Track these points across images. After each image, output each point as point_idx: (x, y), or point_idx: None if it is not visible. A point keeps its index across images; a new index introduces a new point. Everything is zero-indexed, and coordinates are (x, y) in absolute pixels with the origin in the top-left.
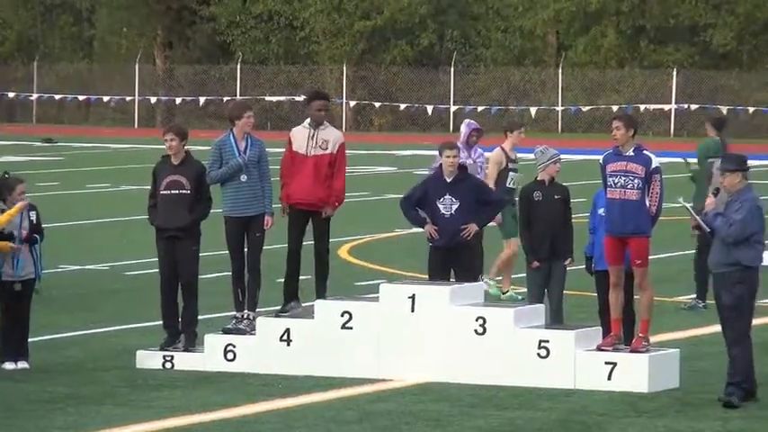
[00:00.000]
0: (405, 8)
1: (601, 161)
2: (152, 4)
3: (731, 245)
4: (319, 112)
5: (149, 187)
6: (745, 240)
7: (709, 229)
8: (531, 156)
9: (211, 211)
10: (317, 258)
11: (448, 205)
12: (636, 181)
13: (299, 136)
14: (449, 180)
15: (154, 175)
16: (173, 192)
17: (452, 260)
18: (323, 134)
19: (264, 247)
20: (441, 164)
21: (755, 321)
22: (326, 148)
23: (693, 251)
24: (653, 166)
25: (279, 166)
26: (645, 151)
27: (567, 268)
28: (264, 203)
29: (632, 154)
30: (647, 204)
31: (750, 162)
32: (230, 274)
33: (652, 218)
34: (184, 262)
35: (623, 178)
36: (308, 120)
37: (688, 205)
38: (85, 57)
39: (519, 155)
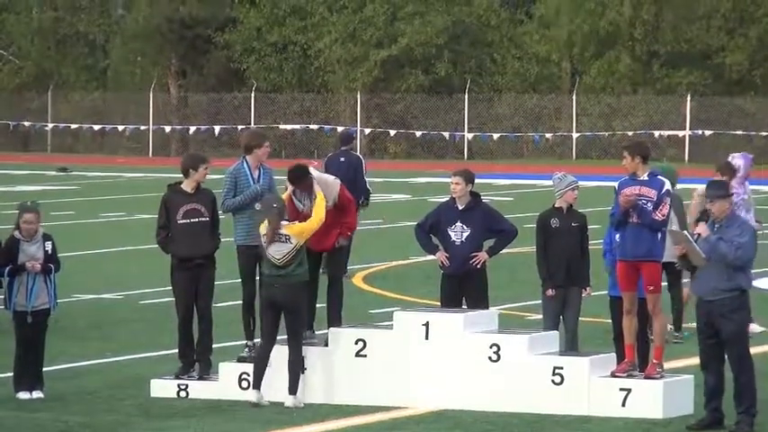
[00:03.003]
0: (419, 35)
1: (616, 186)
2: (166, 33)
3: (731, 270)
4: (298, 198)
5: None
6: (745, 264)
7: (705, 256)
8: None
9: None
10: (330, 285)
11: (459, 232)
12: (649, 205)
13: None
14: (461, 207)
15: (165, 204)
16: (192, 220)
17: (463, 288)
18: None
19: None
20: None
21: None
22: (329, 202)
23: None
24: (664, 189)
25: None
26: (659, 176)
27: (584, 295)
28: None
29: (646, 179)
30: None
31: (765, 188)
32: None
33: (654, 220)
34: (205, 290)
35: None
36: None
37: (686, 233)
38: (100, 86)
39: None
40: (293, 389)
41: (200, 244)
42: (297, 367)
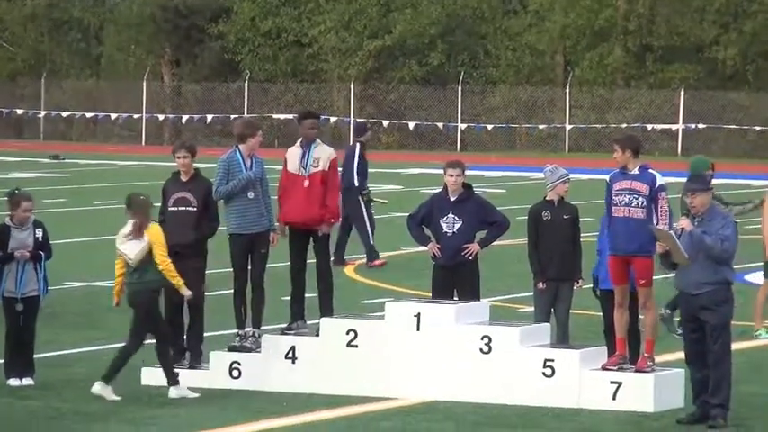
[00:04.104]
0: (414, 27)
1: (607, 180)
2: (160, 22)
3: (717, 263)
4: (311, 131)
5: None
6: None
7: (687, 256)
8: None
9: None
10: (318, 276)
11: (451, 224)
12: (640, 199)
13: (293, 156)
14: (453, 199)
15: (163, 192)
16: (180, 208)
17: (455, 279)
18: (315, 152)
19: (268, 265)
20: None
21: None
22: (318, 166)
23: None
24: (658, 184)
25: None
26: (650, 170)
27: (576, 288)
28: (269, 220)
29: (637, 173)
30: (657, 222)
31: (758, 182)
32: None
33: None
34: (189, 279)
35: (628, 197)
36: (301, 139)
37: (671, 231)
38: (93, 74)
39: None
40: (172, 380)
41: (180, 233)
42: (164, 360)
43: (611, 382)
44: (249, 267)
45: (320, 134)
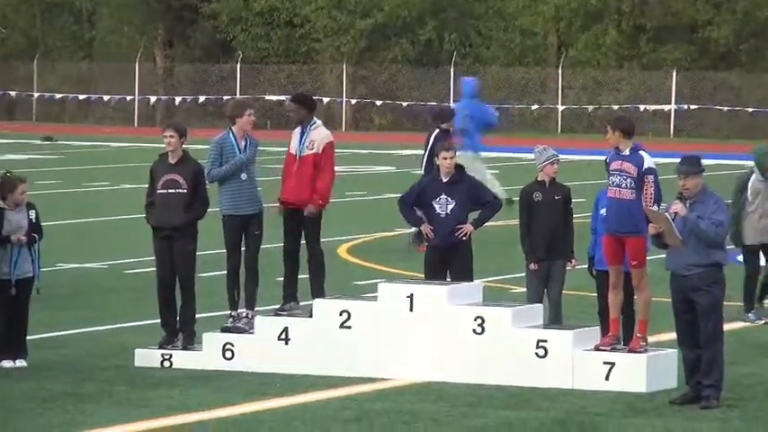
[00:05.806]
0: (404, 3)
1: (606, 160)
2: (152, 3)
3: (710, 246)
4: (290, 113)
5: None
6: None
7: (681, 239)
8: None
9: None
10: (309, 257)
11: (444, 205)
12: (629, 180)
13: (295, 136)
14: (445, 180)
15: (151, 173)
16: (169, 191)
17: (448, 260)
18: (311, 134)
19: (261, 246)
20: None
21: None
22: (312, 149)
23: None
24: (645, 166)
25: (271, 166)
26: (640, 151)
27: (569, 268)
28: (261, 201)
29: (627, 153)
30: (643, 205)
31: (750, 163)
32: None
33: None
34: (180, 261)
35: (618, 177)
36: None
37: (668, 214)
38: (86, 56)
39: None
40: None
41: (170, 215)
42: None
43: (604, 363)
44: (242, 248)
45: (305, 117)
